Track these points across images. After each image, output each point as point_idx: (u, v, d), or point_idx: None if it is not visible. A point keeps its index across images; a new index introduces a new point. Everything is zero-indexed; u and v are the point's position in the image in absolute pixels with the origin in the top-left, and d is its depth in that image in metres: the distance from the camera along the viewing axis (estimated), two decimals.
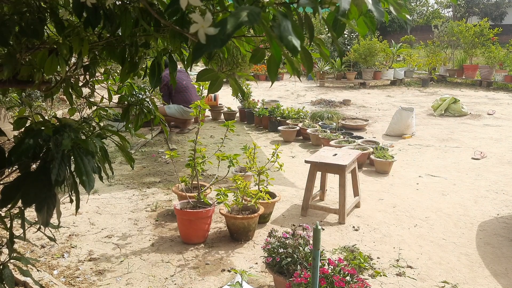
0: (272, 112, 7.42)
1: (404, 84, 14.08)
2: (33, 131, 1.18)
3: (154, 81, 1.44)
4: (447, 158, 5.85)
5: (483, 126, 7.87)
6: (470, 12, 31.97)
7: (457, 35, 14.06)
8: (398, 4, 1.04)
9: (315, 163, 3.87)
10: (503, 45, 13.87)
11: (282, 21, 0.80)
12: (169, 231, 3.62)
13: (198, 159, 3.63)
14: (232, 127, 3.67)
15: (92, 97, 1.95)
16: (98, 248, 3.32)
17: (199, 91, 4.79)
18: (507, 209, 4.13)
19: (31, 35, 1.19)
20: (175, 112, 6.95)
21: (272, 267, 2.66)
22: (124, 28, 1.23)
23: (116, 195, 4.40)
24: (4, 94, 1.76)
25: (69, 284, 2.83)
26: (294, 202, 4.24)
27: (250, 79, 1.66)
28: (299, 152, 6.13)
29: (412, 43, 20.75)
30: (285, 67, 1.18)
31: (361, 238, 3.51)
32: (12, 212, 1.49)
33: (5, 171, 1.24)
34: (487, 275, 2.97)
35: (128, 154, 1.47)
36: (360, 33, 1.15)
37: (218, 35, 0.75)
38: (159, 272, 2.97)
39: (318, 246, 1.89)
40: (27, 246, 3.29)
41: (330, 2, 0.93)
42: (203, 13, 0.83)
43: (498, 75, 12.89)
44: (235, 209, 3.50)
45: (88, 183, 1.16)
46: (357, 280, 2.31)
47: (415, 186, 4.75)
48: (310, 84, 14.20)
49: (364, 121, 7.74)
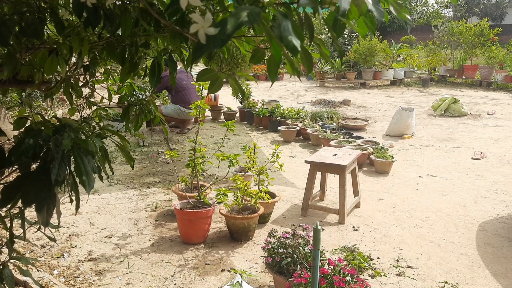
0: (272, 112, 7.42)
1: (404, 84, 14.08)
2: (33, 131, 1.18)
3: (154, 81, 1.44)
4: (447, 158, 5.85)
5: (483, 126, 7.87)
6: (470, 12, 31.97)
7: (457, 35, 14.06)
8: (398, 4, 1.04)
9: (315, 163, 3.87)
10: (503, 45, 13.87)
11: (282, 21, 0.80)
12: (169, 231, 3.62)
13: (198, 159, 3.63)
14: (232, 127, 3.67)
15: (92, 97, 1.95)
16: (98, 248, 3.32)
17: (199, 91, 4.78)
18: (507, 209, 4.13)
19: (31, 35, 1.19)
20: (172, 112, 6.95)
21: (272, 267, 2.66)
22: (124, 28, 1.23)
23: (116, 195, 4.40)
24: (4, 94, 1.76)
25: (69, 284, 2.83)
26: (294, 202, 4.24)
27: (250, 79, 1.66)
28: (299, 152, 6.13)
29: (412, 43, 20.75)
30: (285, 67, 1.18)
31: (361, 238, 3.51)
32: (12, 212, 1.49)
33: (5, 171, 1.24)
34: (487, 275, 2.97)
35: (128, 154, 1.47)
36: (360, 33, 1.15)
37: (218, 35, 0.75)
38: (159, 272, 2.97)
39: (318, 246, 1.89)
40: (27, 246, 3.29)
41: (330, 2, 0.93)
42: (203, 13, 0.83)
43: (498, 75, 12.89)
44: (235, 209, 3.50)
45: (88, 183, 1.16)
46: (357, 280, 2.31)
47: (415, 186, 4.75)
48: (310, 84, 14.20)
49: (364, 121, 7.74)
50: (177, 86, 6.94)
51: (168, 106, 7.02)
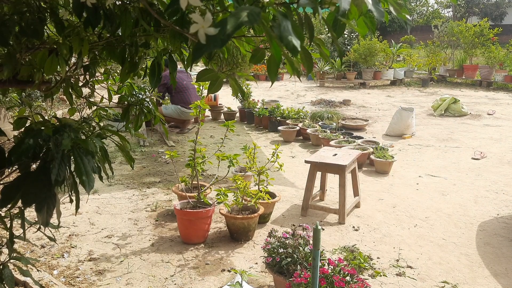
0: (272, 112, 7.42)
1: (404, 84, 14.08)
2: (33, 131, 1.18)
3: (154, 81, 1.44)
4: (447, 158, 5.85)
5: (483, 126, 7.87)
6: (470, 12, 31.96)
7: (457, 35, 14.06)
8: (398, 4, 1.04)
9: (315, 163, 3.87)
10: (503, 45, 13.87)
11: (282, 21, 0.80)
12: (169, 231, 3.62)
13: (198, 159, 3.63)
14: (232, 127, 3.67)
15: (92, 97, 1.95)
16: (98, 248, 3.32)
17: (199, 91, 4.78)
18: (507, 209, 4.13)
19: (31, 35, 1.19)
20: (172, 113, 6.95)
21: (272, 267, 2.66)
22: (124, 28, 1.23)
23: (116, 195, 4.40)
24: (4, 94, 1.76)
25: (69, 284, 2.83)
26: (294, 202, 4.24)
27: (250, 79, 1.66)
28: (299, 152, 6.13)
29: (412, 43, 20.75)
30: (285, 67, 1.18)
31: (361, 238, 3.51)
32: (12, 212, 1.49)
33: (5, 171, 1.24)
34: (487, 275, 2.97)
35: (128, 154, 1.47)
36: (360, 33, 1.15)
37: (218, 35, 0.75)
38: (159, 272, 2.97)
39: (318, 246, 1.89)
40: (27, 246, 3.29)
41: (330, 2, 0.93)
42: (203, 13, 0.83)
43: (498, 75, 12.89)
44: (235, 209, 3.50)
45: (88, 183, 1.16)
46: (357, 280, 2.31)
47: (415, 186, 4.75)
48: (310, 84, 14.20)
49: (364, 121, 7.74)
50: (177, 86, 6.94)
51: (168, 106, 7.02)
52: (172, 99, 7.06)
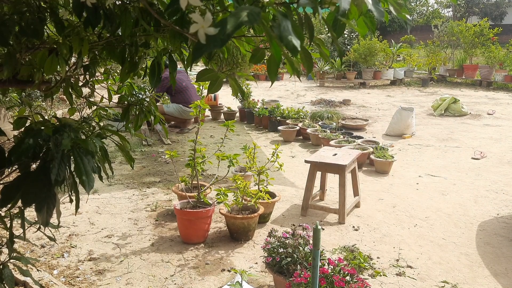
0: (272, 112, 7.42)
1: (404, 84, 14.08)
2: (33, 131, 1.18)
3: (154, 81, 1.44)
4: (447, 158, 5.85)
5: (483, 126, 7.87)
6: (470, 12, 31.96)
7: (457, 35, 14.06)
8: (398, 4, 1.04)
9: (315, 163, 3.87)
10: (503, 45, 13.87)
11: (282, 21, 0.80)
12: (169, 231, 3.62)
13: (198, 159, 3.63)
14: (232, 127, 3.67)
15: (92, 97, 1.95)
16: (98, 248, 3.32)
17: (199, 91, 4.79)
18: (507, 209, 4.13)
19: (31, 35, 1.19)
20: (174, 111, 6.95)
21: (272, 267, 2.66)
22: (124, 28, 1.23)
23: (116, 195, 4.40)
24: (4, 94, 1.76)
25: (69, 284, 2.83)
26: (294, 202, 4.24)
27: (250, 79, 1.66)
28: (299, 152, 6.13)
29: (412, 43, 20.74)
30: (285, 67, 1.18)
31: (361, 238, 3.51)
32: (12, 212, 1.49)
33: (5, 171, 1.24)
34: (487, 275, 2.97)
35: (128, 154, 1.47)
36: (360, 33, 1.15)
37: (218, 35, 0.75)
38: (159, 272, 2.97)
39: (318, 246, 1.89)
40: (27, 246, 3.29)
41: (330, 2, 0.93)
42: (203, 13, 0.83)
43: (498, 75, 12.89)
44: (235, 209, 3.50)
45: (88, 183, 1.16)
46: (357, 280, 2.31)
47: (415, 186, 4.75)
48: (310, 84, 14.20)
49: (364, 121, 7.74)
50: (177, 87, 6.94)
51: (170, 105, 7.01)
52: (172, 100, 7.07)
